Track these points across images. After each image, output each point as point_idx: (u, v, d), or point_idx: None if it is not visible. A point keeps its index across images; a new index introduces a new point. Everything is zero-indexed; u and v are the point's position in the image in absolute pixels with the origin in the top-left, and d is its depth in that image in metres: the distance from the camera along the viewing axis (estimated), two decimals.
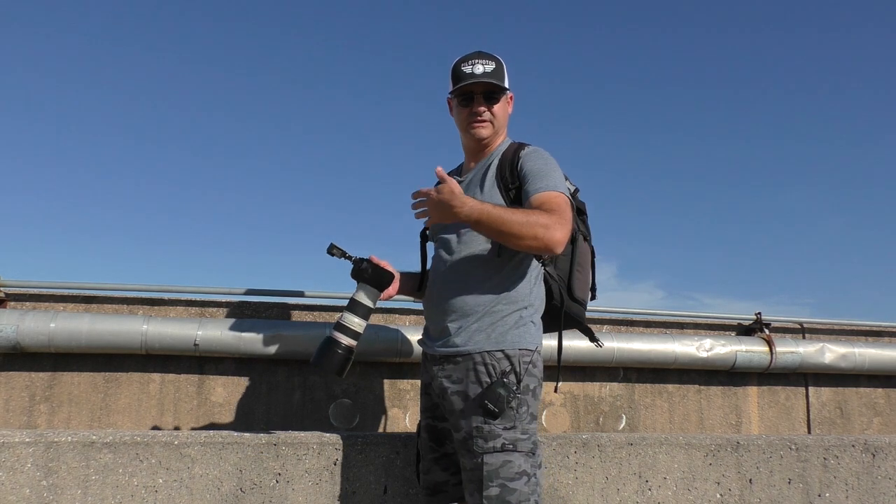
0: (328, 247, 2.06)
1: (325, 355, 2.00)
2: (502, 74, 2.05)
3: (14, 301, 2.83)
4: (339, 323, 2.04)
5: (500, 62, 2.06)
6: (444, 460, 2.04)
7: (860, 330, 3.80)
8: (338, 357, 2.00)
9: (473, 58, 2.04)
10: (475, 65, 2.02)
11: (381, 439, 2.35)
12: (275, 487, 2.23)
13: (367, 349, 2.88)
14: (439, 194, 1.81)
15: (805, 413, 3.63)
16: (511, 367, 1.88)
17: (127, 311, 2.91)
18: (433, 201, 1.83)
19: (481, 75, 2.00)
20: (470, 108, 2.04)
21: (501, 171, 2.00)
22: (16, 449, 2.12)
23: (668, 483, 2.55)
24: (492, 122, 2.05)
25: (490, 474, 1.80)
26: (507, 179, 1.98)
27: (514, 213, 1.80)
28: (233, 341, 2.74)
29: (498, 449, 1.82)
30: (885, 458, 2.78)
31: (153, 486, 2.17)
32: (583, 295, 2.10)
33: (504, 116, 2.10)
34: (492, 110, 2.04)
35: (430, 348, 2.04)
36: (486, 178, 2.02)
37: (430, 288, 2.07)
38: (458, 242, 2.00)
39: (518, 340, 1.90)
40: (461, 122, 2.09)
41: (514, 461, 1.82)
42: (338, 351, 2.00)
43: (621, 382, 3.37)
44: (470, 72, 2.01)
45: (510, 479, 1.80)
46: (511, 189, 1.97)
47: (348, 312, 2.04)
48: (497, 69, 2.03)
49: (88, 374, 2.82)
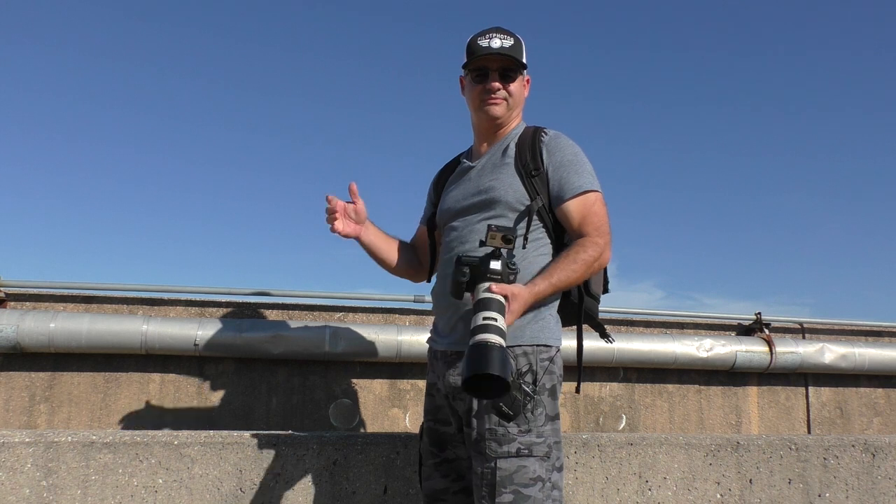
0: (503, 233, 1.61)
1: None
2: (521, 51, 1.91)
3: (14, 301, 2.83)
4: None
5: (520, 39, 1.92)
6: (445, 466, 1.93)
7: (860, 330, 3.80)
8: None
9: (491, 32, 1.90)
10: (492, 39, 1.88)
11: (381, 439, 2.35)
12: (275, 487, 2.23)
13: (367, 349, 2.88)
14: (513, 314, 1.64)
15: (805, 413, 3.63)
16: (529, 367, 1.78)
17: (127, 311, 2.91)
18: (512, 316, 1.65)
19: (498, 49, 1.86)
20: (484, 85, 1.90)
21: (521, 156, 1.87)
22: (16, 449, 2.12)
23: (668, 483, 2.55)
24: (507, 100, 1.91)
25: (503, 480, 1.70)
26: (529, 166, 1.86)
27: (570, 265, 1.75)
28: (233, 341, 2.75)
29: (513, 454, 1.71)
30: (885, 458, 2.78)
31: (153, 486, 2.17)
32: (598, 289, 1.98)
33: (520, 96, 1.96)
34: (507, 88, 1.91)
35: (441, 344, 1.93)
36: (503, 164, 1.90)
37: (442, 278, 1.94)
38: (473, 231, 1.87)
39: (537, 335, 1.80)
40: (473, 100, 1.94)
41: (529, 466, 1.71)
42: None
43: (621, 382, 3.37)
44: (487, 45, 1.87)
45: (524, 485, 1.70)
46: (534, 176, 1.85)
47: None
48: (516, 45, 1.89)
49: (88, 374, 2.82)
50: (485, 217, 1.85)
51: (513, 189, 1.85)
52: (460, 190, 1.97)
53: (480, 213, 1.87)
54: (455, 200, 1.96)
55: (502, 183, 1.86)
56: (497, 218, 1.84)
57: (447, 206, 1.99)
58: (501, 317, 1.56)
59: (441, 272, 1.97)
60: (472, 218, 1.89)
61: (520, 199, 1.85)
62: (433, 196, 2.14)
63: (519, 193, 1.85)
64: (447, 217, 1.98)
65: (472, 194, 1.92)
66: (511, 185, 1.85)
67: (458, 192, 1.97)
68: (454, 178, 2.04)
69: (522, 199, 1.85)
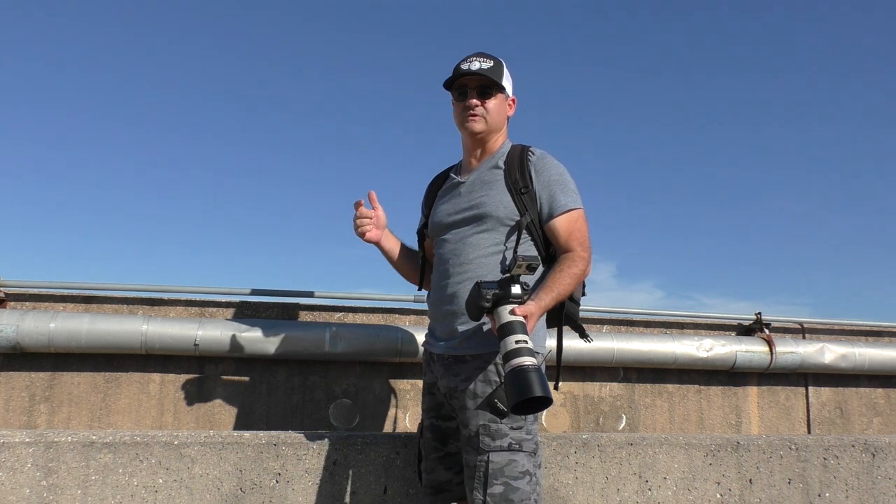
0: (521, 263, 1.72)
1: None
2: (500, 73, 2.05)
3: (14, 301, 2.83)
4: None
5: (500, 62, 2.07)
6: (448, 459, 2.04)
7: (860, 330, 3.80)
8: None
9: (473, 56, 2.06)
10: (472, 62, 2.04)
11: (381, 439, 2.35)
12: (275, 487, 2.23)
13: (367, 349, 2.88)
14: (530, 330, 1.75)
15: (805, 413, 3.63)
16: None
17: (127, 311, 2.91)
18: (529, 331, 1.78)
19: (476, 70, 2.01)
20: (464, 103, 2.05)
21: (510, 173, 2.02)
22: (16, 449, 2.12)
23: (668, 483, 2.55)
24: (485, 117, 2.04)
25: (495, 472, 1.82)
26: (519, 183, 2.00)
27: (565, 279, 1.92)
28: (233, 341, 2.74)
29: (504, 448, 1.83)
30: (885, 458, 2.78)
31: (153, 486, 2.17)
32: (578, 295, 2.14)
33: (500, 115, 2.09)
34: (485, 105, 2.04)
35: (438, 348, 2.04)
36: (493, 181, 2.03)
37: (438, 289, 2.07)
38: (466, 244, 2.01)
39: None
40: (456, 118, 2.10)
41: (519, 461, 1.83)
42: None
43: (621, 382, 3.37)
44: (466, 68, 2.03)
45: (514, 477, 1.82)
46: (523, 193, 2.00)
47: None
48: (494, 67, 2.04)
49: (88, 374, 2.82)
50: (477, 231, 2.00)
51: (503, 205, 1.99)
52: (451, 204, 2.10)
53: (472, 227, 2.01)
54: (446, 214, 2.09)
55: (492, 199, 2.00)
56: (488, 231, 1.99)
57: (438, 220, 2.12)
58: (527, 336, 1.70)
59: (437, 283, 2.10)
60: (464, 232, 2.03)
61: (510, 215, 1.99)
62: (424, 208, 2.27)
63: (509, 209, 1.99)
64: (438, 230, 2.11)
65: (463, 209, 2.05)
66: (501, 202, 2.00)
67: (448, 207, 2.10)
68: (444, 192, 2.17)
69: (512, 215, 1.99)
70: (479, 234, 1.99)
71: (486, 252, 1.98)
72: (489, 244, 1.98)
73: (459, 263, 2.00)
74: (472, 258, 1.99)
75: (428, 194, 2.27)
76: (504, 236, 1.99)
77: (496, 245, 1.98)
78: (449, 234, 2.06)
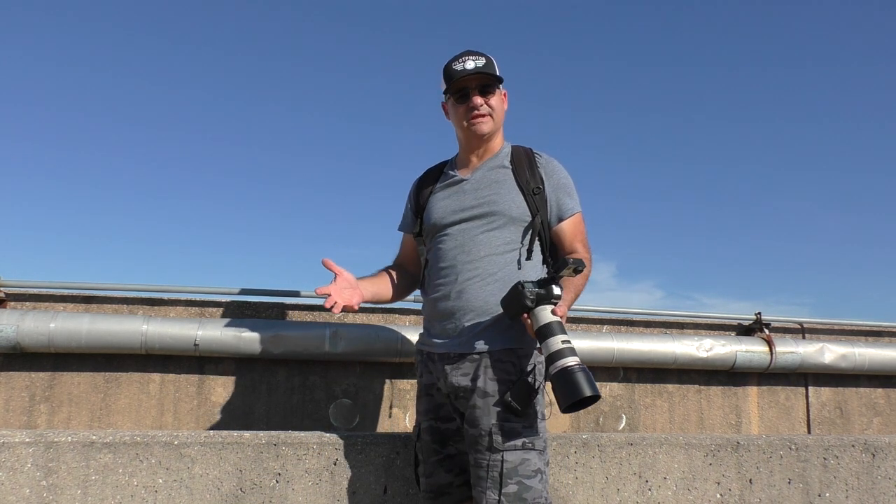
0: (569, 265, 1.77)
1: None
2: (494, 68, 2.05)
3: (14, 301, 2.83)
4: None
5: (491, 58, 2.06)
6: (448, 462, 2.02)
7: (860, 330, 3.80)
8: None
9: (463, 56, 2.04)
10: (466, 61, 2.02)
11: (381, 439, 2.35)
12: (275, 487, 2.23)
13: (368, 349, 2.88)
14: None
15: (805, 413, 3.63)
16: (533, 367, 1.93)
17: (127, 311, 2.91)
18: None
19: (473, 69, 2.00)
20: (467, 104, 2.03)
21: (519, 173, 2.05)
22: (16, 449, 2.12)
23: (668, 483, 2.55)
24: (491, 115, 2.05)
25: (509, 472, 1.81)
26: (530, 184, 2.04)
27: (578, 280, 1.95)
28: (233, 341, 2.74)
29: (518, 447, 1.83)
30: (885, 458, 2.78)
31: (153, 486, 2.17)
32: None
33: (501, 110, 2.10)
34: (489, 103, 2.04)
35: (438, 347, 2.02)
36: (502, 180, 2.04)
37: (438, 286, 2.04)
38: (476, 241, 1.99)
39: (534, 340, 1.89)
40: (459, 120, 2.07)
41: (532, 459, 1.84)
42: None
43: (621, 382, 3.37)
44: (462, 68, 2.01)
45: (527, 476, 1.82)
46: (535, 194, 2.03)
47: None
48: (488, 63, 2.03)
49: (88, 374, 2.82)
50: (487, 229, 2.00)
51: (515, 204, 2.01)
52: (453, 201, 2.07)
53: (481, 225, 2.00)
54: (450, 211, 2.06)
55: (504, 198, 2.01)
56: (498, 230, 2.00)
57: (438, 216, 2.08)
58: (569, 336, 1.76)
59: (436, 281, 2.05)
60: (470, 229, 2.01)
61: (521, 215, 2.01)
62: (414, 204, 2.21)
63: (521, 209, 2.01)
64: (438, 227, 2.07)
65: (470, 206, 2.03)
66: (514, 201, 2.01)
67: (451, 203, 2.07)
68: (442, 188, 2.13)
69: (524, 215, 2.01)
70: (489, 231, 1.99)
71: (497, 250, 1.97)
72: (499, 242, 1.98)
73: (469, 261, 1.98)
74: (482, 255, 1.97)
75: (419, 190, 2.21)
76: (514, 235, 2.00)
77: (507, 244, 1.98)
78: (452, 230, 2.03)
